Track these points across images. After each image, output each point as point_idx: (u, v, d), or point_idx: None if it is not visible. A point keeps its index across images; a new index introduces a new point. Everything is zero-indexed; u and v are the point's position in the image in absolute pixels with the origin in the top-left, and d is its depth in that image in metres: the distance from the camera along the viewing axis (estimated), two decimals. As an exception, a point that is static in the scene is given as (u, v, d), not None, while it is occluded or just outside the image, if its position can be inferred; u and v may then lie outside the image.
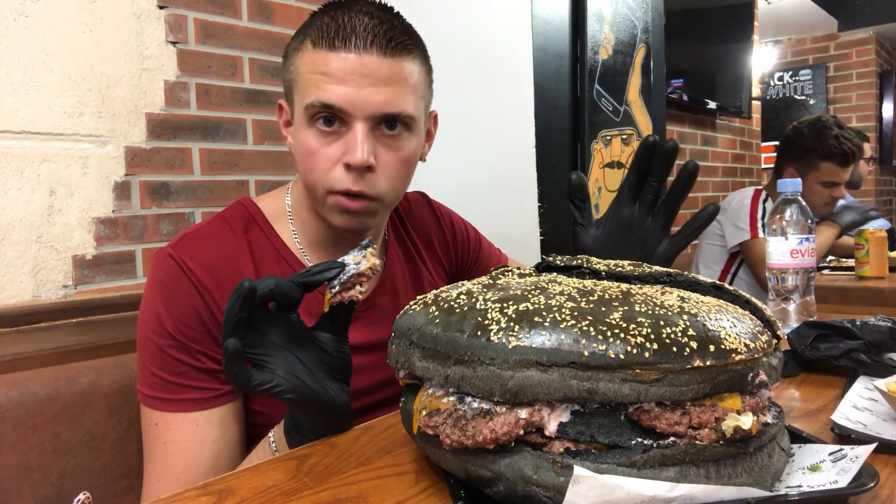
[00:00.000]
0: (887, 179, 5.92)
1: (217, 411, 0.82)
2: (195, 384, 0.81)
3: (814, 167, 2.41)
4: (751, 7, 3.83)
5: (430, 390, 0.55)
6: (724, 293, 0.60)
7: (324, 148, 0.83)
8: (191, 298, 0.81)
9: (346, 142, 0.82)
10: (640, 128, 2.43)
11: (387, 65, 0.82)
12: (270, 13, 1.67)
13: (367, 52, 0.81)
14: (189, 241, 0.86)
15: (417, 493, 0.56)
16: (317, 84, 0.81)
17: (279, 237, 0.91)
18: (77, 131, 1.35)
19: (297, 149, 0.87)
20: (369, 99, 0.81)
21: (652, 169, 0.84)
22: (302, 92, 0.83)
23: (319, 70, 0.81)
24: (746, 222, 2.40)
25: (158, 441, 0.81)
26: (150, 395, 0.81)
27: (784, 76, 5.74)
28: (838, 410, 0.69)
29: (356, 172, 0.83)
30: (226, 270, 0.84)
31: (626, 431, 0.49)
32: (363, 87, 0.81)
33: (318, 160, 0.83)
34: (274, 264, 0.89)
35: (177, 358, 0.80)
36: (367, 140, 0.82)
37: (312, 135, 0.83)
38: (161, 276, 0.83)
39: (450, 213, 1.15)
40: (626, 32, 2.33)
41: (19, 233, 1.27)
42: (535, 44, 1.87)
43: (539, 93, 1.90)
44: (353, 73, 0.80)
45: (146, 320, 0.82)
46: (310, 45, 0.83)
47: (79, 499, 0.58)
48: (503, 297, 0.53)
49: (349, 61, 0.80)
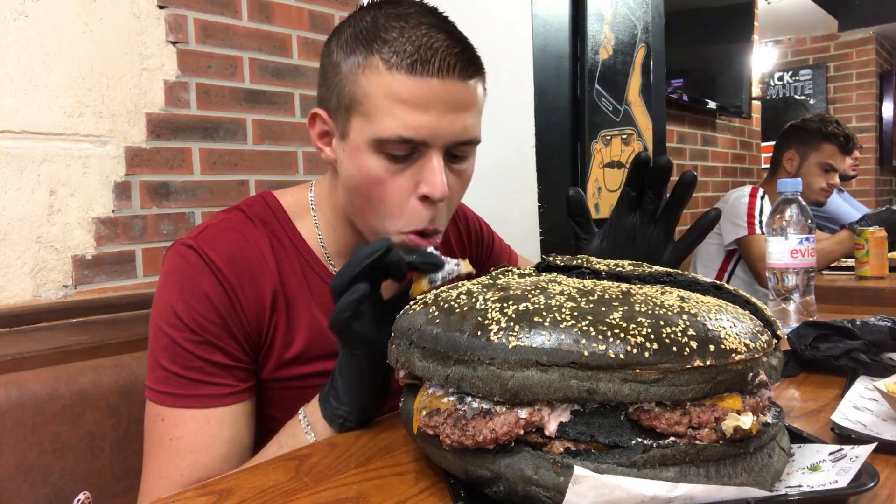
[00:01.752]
0: (887, 179, 5.92)
1: (231, 409, 0.79)
2: (210, 380, 0.78)
3: (815, 147, 2.49)
4: (751, 7, 3.83)
5: (430, 390, 0.55)
6: (724, 293, 0.60)
7: (394, 178, 0.77)
8: (213, 291, 0.78)
9: (422, 173, 0.77)
10: (640, 128, 2.43)
11: (466, 89, 0.77)
12: (270, 13, 1.67)
13: (449, 76, 0.74)
14: (211, 234, 0.82)
15: (417, 493, 0.56)
16: (393, 113, 0.74)
17: (300, 235, 0.88)
18: (77, 131, 1.35)
19: (356, 174, 0.79)
20: (449, 128, 0.76)
21: (647, 183, 0.82)
22: (371, 117, 0.75)
23: (397, 97, 0.74)
24: (744, 219, 2.41)
25: (164, 437, 0.78)
26: (159, 390, 0.78)
27: (784, 76, 5.74)
28: (838, 410, 0.69)
29: (433, 206, 0.78)
30: (248, 265, 0.81)
31: (626, 431, 0.49)
32: (444, 114, 0.75)
33: (390, 191, 0.77)
34: (295, 262, 0.86)
35: (192, 352, 0.77)
36: (443, 170, 0.77)
37: (380, 162, 0.77)
38: (182, 266, 0.80)
39: (464, 209, 1.12)
40: (627, 32, 2.33)
41: (19, 233, 1.27)
42: (535, 44, 1.87)
43: (539, 93, 1.90)
44: (435, 101, 0.74)
45: (160, 312, 0.79)
46: (381, 65, 0.74)
47: (79, 499, 0.58)
48: (503, 296, 0.53)
49: (432, 87, 0.74)
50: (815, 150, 2.49)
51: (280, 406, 0.84)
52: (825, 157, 2.49)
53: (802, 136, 2.54)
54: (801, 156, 2.53)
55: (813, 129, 2.51)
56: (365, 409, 0.73)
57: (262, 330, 0.82)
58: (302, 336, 0.84)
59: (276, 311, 0.83)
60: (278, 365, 0.83)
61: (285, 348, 0.83)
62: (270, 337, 0.82)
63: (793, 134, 2.58)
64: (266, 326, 0.82)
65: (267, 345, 0.82)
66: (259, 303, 0.81)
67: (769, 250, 1.21)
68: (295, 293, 0.84)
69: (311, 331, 0.84)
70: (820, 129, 2.49)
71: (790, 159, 2.55)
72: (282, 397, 0.84)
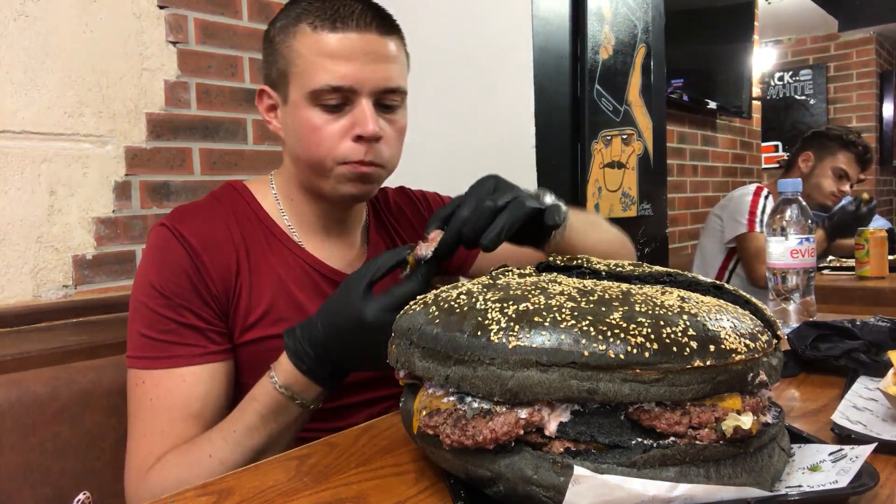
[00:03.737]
0: (887, 179, 5.92)
1: (205, 368, 0.83)
2: (183, 341, 0.83)
3: (832, 152, 2.55)
4: (751, 7, 3.82)
5: (430, 390, 0.55)
6: (724, 293, 0.60)
7: (329, 124, 0.86)
8: (180, 259, 0.85)
9: (354, 116, 0.86)
10: (640, 128, 2.43)
11: (384, 43, 0.87)
12: (270, 13, 1.67)
13: (368, 30, 0.85)
14: (181, 212, 0.91)
15: (417, 493, 0.56)
16: (323, 66, 0.84)
17: (263, 210, 0.95)
18: (77, 131, 1.35)
19: (297, 129, 0.89)
20: (372, 75, 0.85)
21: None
22: (304, 75, 0.86)
23: (324, 52, 0.84)
24: (745, 216, 2.43)
25: (145, 398, 0.82)
26: (138, 356, 0.83)
27: (784, 76, 5.74)
28: (838, 410, 0.69)
29: (366, 144, 0.87)
30: (214, 236, 0.88)
31: (626, 431, 0.49)
32: (367, 63, 0.85)
33: (325, 135, 0.86)
34: (259, 233, 0.93)
35: (165, 315, 0.83)
36: (374, 113, 0.86)
37: (316, 113, 0.86)
38: (156, 244, 0.87)
39: (423, 193, 1.17)
40: (627, 32, 2.33)
41: (19, 233, 1.27)
42: (535, 44, 1.87)
43: (539, 93, 1.90)
44: (357, 52, 0.84)
45: (138, 286, 0.86)
46: (307, 28, 0.85)
47: (79, 499, 0.58)
48: (503, 297, 0.53)
49: (353, 40, 0.84)
50: (832, 155, 2.54)
51: (250, 373, 0.86)
52: (841, 163, 2.53)
53: (823, 140, 2.59)
54: (817, 158, 2.58)
55: (834, 135, 2.57)
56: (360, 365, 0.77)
57: (229, 291, 0.88)
58: (266, 297, 0.89)
59: (240, 273, 0.89)
60: (246, 326, 0.88)
61: (251, 309, 0.88)
62: (236, 298, 0.88)
63: (814, 138, 2.63)
64: (232, 288, 0.88)
65: (234, 306, 0.88)
66: (225, 267, 0.88)
67: (769, 250, 1.21)
68: (258, 259, 0.91)
69: (274, 292, 0.90)
70: (841, 137, 2.55)
71: (806, 160, 2.60)
72: (251, 362, 0.87)
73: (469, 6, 1.90)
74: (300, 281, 0.92)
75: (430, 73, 1.82)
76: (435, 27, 1.88)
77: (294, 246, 0.94)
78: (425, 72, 1.66)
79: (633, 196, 2.41)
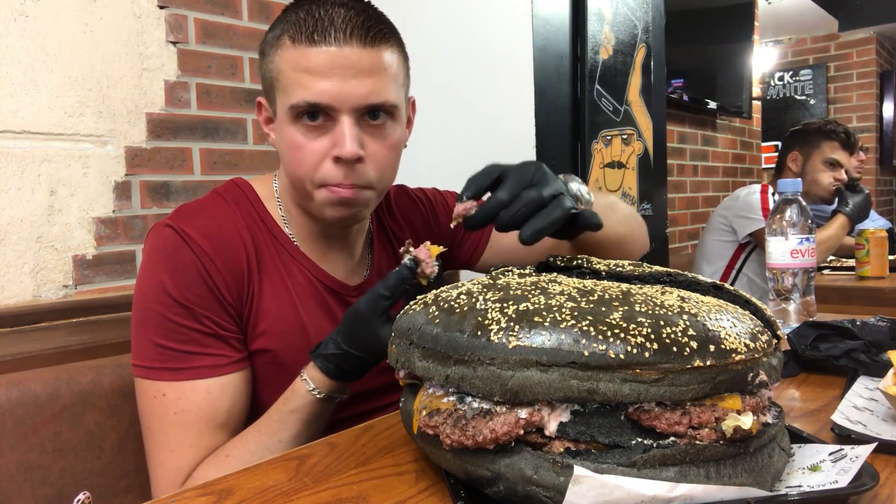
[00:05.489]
0: (887, 179, 5.91)
1: (230, 378, 0.81)
2: (207, 351, 0.81)
3: (816, 145, 2.57)
4: (751, 7, 3.82)
5: (430, 390, 0.55)
6: (724, 293, 0.60)
7: (310, 143, 0.82)
8: (192, 263, 0.82)
9: (334, 135, 0.82)
10: (640, 128, 2.43)
11: (367, 55, 0.81)
12: (270, 13, 1.67)
13: (348, 43, 0.80)
14: (185, 212, 0.87)
15: (417, 493, 0.56)
16: (300, 82, 0.80)
17: (270, 216, 0.92)
18: (77, 131, 1.35)
19: (282, 145, 0.86)
20: (353, 91, 0.80)
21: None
22: (285, 90, 0.83)
23: (302, 67, 0.80)
24: (758, 212, 2.46)
25: (168, 412, 0.79)
26: (155, 367, 0.80)
27: (784, 76, 5.74)
28: (838, 410, 0.69)
29: (346, 166, 0.82)
30: (222, 236, 0.85)
31: (626, 431, 0.49)
32: (346, 79, 0.80)
33: (306, 155, 0.83)
34: (268, 239, 0.90)
35: (185, 325, 0.80)
36: (354, 132, 0.81)
37: (297, 131, 0.83)
38: (161, 245, 0.83)
39: (424, 191, 1.15)
40: (627, 32, 2.33)
41: (19, 233, 1.27)
42: (535, 44, 1.87)
43: (539, 93, 1.89)
44: (335, 67, 0.80)
45: (147, 292, 0.82)
46: (288, 42, 0.82)
47: (79, 499, 0.58)
48: (503, 297, 0.53)
49: (330, 54, 0.79)
50: (817, 148, 2.56)
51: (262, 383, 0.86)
52: (828, 153, 2.55)
53: (804, 136, 2.61)
54: (804, 155, 2.61)
55: (813, 129, 2.59)
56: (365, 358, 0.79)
57: (242, 295, 0.85)
58: (274, 307, 0.87)
59: (251, 276, 0.86)
60: (254, 334, 0.86)
61: (260, 317, 0.86)
62: (249, 302, 0.86)
63: (795, 136, 2.65)
64: (245, 291, 0.86)
65: (247, 310, 0.86)
66: (238, 269, 0.85)
67: (769, 250, 1.21)
68: (267, 263, 0.88)
69: (281, 303, 0.88)
70: (820, 129, 2.57)
71: (794, 160, 2.62)
72: (262, 373, 0.87)
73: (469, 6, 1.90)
74: (304, 293, 0.90)
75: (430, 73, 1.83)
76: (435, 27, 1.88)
77: (298, 254, 0.91)
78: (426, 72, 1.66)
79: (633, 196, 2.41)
